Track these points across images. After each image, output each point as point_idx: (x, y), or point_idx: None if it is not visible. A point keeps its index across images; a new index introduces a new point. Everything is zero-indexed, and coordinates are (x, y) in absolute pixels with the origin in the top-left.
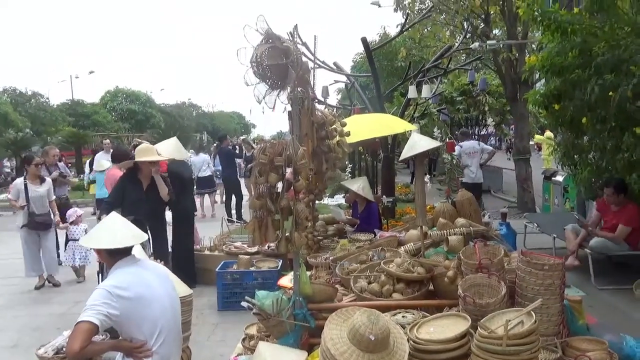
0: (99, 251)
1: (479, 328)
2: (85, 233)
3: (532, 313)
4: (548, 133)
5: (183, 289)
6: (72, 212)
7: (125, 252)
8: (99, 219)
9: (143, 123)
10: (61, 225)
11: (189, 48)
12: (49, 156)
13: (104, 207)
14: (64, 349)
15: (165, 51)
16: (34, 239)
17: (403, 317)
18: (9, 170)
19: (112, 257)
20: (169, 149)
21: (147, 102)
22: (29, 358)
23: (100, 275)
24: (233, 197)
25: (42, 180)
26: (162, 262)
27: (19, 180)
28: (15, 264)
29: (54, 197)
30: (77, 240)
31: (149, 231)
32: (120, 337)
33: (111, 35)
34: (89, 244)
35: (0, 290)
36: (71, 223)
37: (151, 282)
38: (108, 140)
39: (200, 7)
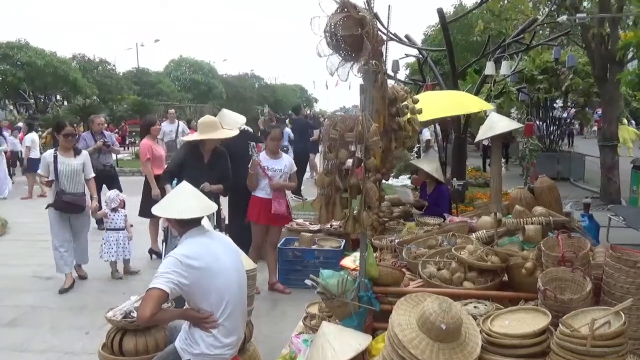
0: (169, 220)
1: (560, 325)
2: (125, 221)
3: (621, 313)
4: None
5: (248, 263)
6: (114, 196)
7: (196, 222)
8: (163, 188)
9: (205, 93)
10: (98, 212)
11: (253, 18)
12: (95, 124)
13: (164, 175)
14: (132, 314)
15: (229, 21)
16: (64, 224)
17: (475, 307)
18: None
19: (183, 226)
20: (231, 120)
21: (210, 72)
22: (95, 319)
23: (164, 244)
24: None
25: (77, 153)
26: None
27: (49, 152)
28: None
29: (92, 174)
30: (118, 229)
31: None
32: (186, 307)
33: (176, 3)
34: (162, 213)
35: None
36: (112, 210)
37: (219, 254)
38: (173, 110)
39: None
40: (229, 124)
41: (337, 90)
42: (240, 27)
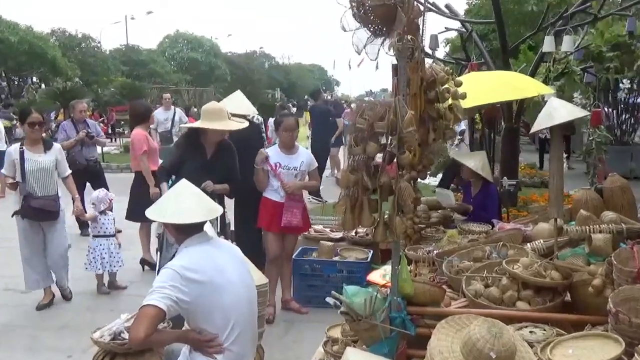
0: (166, 225)
1: (636, 355)
2: (114, 224)
3: None
4: None
5: (258, 277)
6: (102, 196)
7: (197, 227)
8: (158, 187)
9: (206, 75)
10: (86, 215)
11: None
12: (76, 111)
13: (159, 173)
14: (122, 335)
15: None
16: (35, 234)
17: (531, 332)
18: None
19: (182, 232)
20: (237, 105)
21: (212, 50)
22: (79, 340)
23: (159, 253)
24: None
25: (48, 147)
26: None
27: (14, 147)
28: None
29: (69, 171)
30: (108, 236)
31: None
32: (186, 328)
33: None
34: (156, 217)
35: None
36: (100, 212)
37: (225, 266)
38: (168, 95)
39: None
40: (239, 109)
41: (361, 72)
42: None
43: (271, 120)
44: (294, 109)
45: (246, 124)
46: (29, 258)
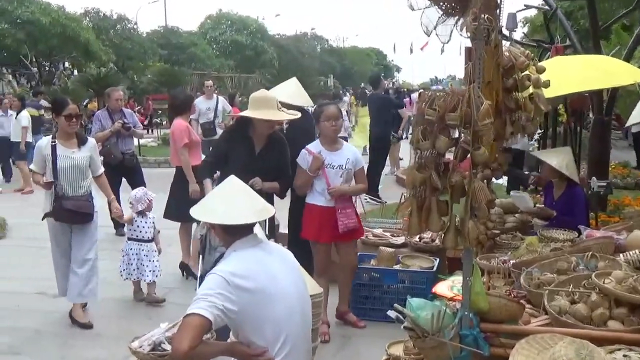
0: (213, 226)
1: None
2: (155, 228)
3: None
4: None
5: (312, 285)
6: (141, 195)
7: (248, 229)
8: (200, 183)
9: (252, 60)
10: (124, 218)
11: None
12: (112, 100)
13: (203, 168)
14: (163, 345)
15: None
16: (64, 236)
17: (625, 356)
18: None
19: (231, 234)
20: (292, 95)
21: (258, 32)
22: (115, 350)
23: (201, 257)
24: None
25: (82, 142)
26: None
27: (45, 141)
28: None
29: (102, 169)
30: (142, 241)
31: None
32: (233, 340)
33: None
34: (203, 216)
35: None
36: (138, 213)
37: (277, 273)
38: (210, 82)
39: None
40: (295, 99)
41: (424, 56)
42: None
43: None
44: (346, 98)
45: (298, 115)
46: (59, 262)
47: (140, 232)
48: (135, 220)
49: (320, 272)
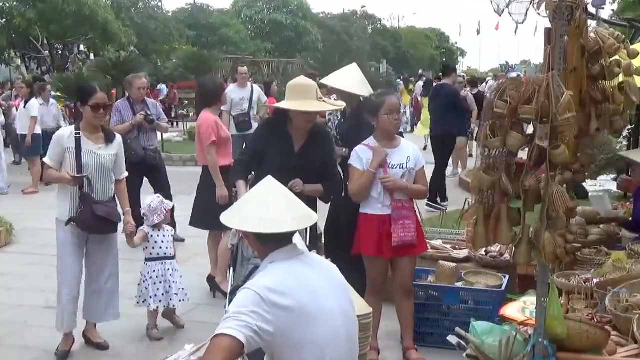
0: (246, 235)
1: None
2: (172, 244)
3: None
4: None
5: (360, 305)
6: (157, 204)
7: (286, 239)
8: (233, 186)
9: (293, 42)
10: (137, 237)
11: None
12: (134, 89)
13: (235, 168)
14: None
15: None
16: (79, 251)
17: None
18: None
19: (267, 244)
20: (356, 83)
21: (300, 10)
22: None
23: (232, 269)
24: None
25: (110, 138)
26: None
27: (67, 130)
28: None
29: (126, 174)
30: (165, 258)
31: None
32: None
33: None
34: (235, 224)
35: None
36: (154, 226)
37: (320, 289)
38: (245, 69)
39: None
40: (355, 88)
41: (493, 38)
42: None
43: None
44: (401, 86)
45: (342, 104)
46: (69, 281)
47: (161, 248)
48: (151, 236)
49: (374, 290)
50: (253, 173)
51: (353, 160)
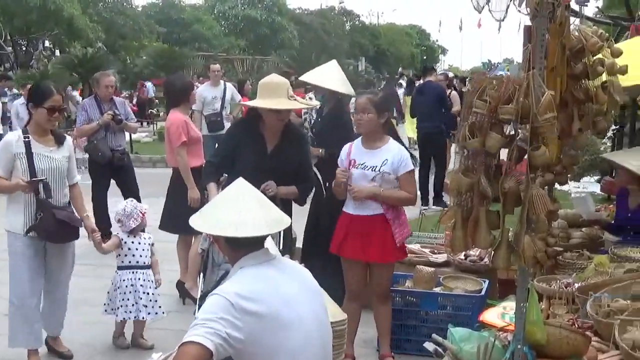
0: (216, 239)
1: None
2: (150, 251)
3: None
4: None
5: (334, 310)
6: (130, 209)
7: (257, 243)
8: (204, 189)
9: (267, 39)
10: (106, 244)
11: None
12: (101, 87)
13: (206, 170)
14: None
15: None
16: (38, 261)
17: None
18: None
19: (237, 249)
20: (337, 81)
21: (275, 6)
22: None
23: (202, 275)
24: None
25: (60, 140)
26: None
27: (13, 135)
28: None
29: (77, 177)
30: (140, 267)
31: None
32: None
33: None
34: (204, 227)
35: None
36: (130, 232)
37: (293, 295)
38: (217, 66)
39: None
40: (345, 87)
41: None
42: None
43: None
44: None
45: (316, 103)
46: (24, 297)
47: (134, 256)
48: (125, 243)
49: (352, 295)
50: (225, 175)
51: (340, 160)
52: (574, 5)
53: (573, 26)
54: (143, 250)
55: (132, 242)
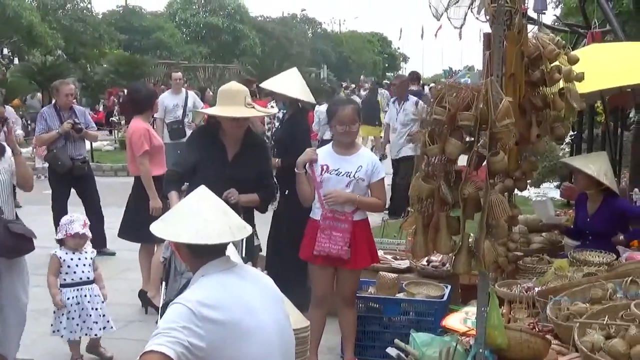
0: (178, 247)
1: None
2: (93, 265)
3: None
4: None
5: (296, 317)
6: (66, 222)
7: (219, 251)
8: (165, 197)
9: (229, 47)
10: (51, 260)
11: None
12: (61, 95)
13: (168, 178)
14: None
15: None
16: None
17: None
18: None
19: (198, 257)
20: (298, 88)
21: (237, 13)
22: None
23: (164, 284)
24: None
25: (1, 151)
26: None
27: None
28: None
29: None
30: (81, 284)
31: None
32: None
33: None
34: (165, 234)
35: None
36: (68, 251)
37: (254, 303)
38: (179, 74)
39: None
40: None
41: (437, 44)
42: None
43: (319, 108)
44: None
45: (274, 110)
46: None
47: (75, 273)
48: (64, 260)
49: (319, 300)
50: (187, 184)
51: None
52: (532, 13)
53: (531, 34)
54: (84, 265)
55: (72, 259)
